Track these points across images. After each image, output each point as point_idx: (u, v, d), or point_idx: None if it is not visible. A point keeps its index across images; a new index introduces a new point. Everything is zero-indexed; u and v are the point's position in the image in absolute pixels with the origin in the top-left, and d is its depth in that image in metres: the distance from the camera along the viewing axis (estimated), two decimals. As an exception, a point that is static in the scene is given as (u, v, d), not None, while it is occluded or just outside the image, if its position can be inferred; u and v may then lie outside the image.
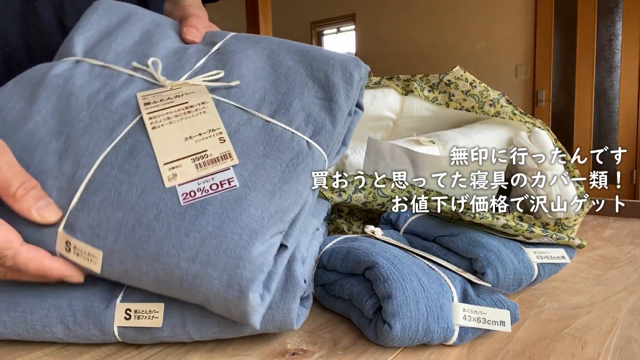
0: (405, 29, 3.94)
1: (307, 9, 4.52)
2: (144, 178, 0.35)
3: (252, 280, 0.31)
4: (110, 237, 0.33)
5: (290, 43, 0.46)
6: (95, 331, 0.36)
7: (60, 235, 0.34)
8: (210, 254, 0.32)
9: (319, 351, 0.36)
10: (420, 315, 0.35)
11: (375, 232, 0.48)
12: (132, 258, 0.33)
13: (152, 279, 0.33)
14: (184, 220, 0.33)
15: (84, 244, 0.33)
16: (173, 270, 0.32)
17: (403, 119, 0.72)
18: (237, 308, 0.32)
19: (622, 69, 3.13)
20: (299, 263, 0.36)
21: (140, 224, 0.33)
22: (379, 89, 0.71)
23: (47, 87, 0.40)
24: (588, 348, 0.36)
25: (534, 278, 0.46)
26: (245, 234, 0.32)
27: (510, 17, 3.46)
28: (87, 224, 0.34)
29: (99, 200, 0.34)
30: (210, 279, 0.31)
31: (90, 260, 0.33)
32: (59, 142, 0.37)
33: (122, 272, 0.33)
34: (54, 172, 0.35)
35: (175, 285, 0.32)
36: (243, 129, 0.39)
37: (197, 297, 0.33)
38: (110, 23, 0.46)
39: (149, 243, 0.32)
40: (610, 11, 3.14)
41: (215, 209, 0.34)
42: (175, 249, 0.32)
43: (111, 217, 0.33)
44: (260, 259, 0.32)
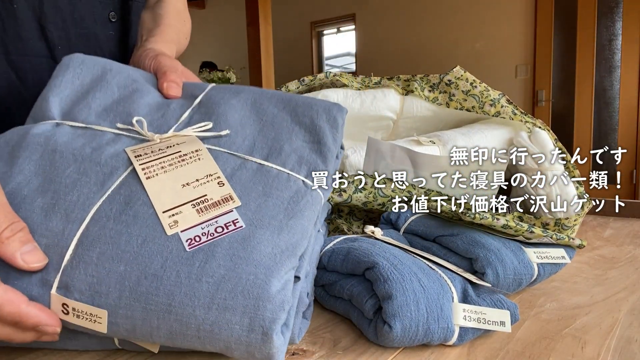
0: (405, 29, 3.94)
1: (307, 9, 4.52)
2: (143, 227, 0.33)
3: (275, 320, 0.30)
4: (114, 293, 0.31)
5: (270, 92, 0.46)
6: (95, 339, 0.35)
7: (54, 298, 0.31)
8: (227, 298, 0.30)
9: (319, 351, 0.36)
10: (420, 316, 0.35)
11: (375, 232, 0.48)
12: (141, 313, 0.31)
13: (165, 333, 0.31)
14: (194, 266, 0.32)
15: (84, 305, 0.31)
16: (188, 320, 0.30)
17: (403, 119, 0.72)
18: (261, 352, 0.30)
19: (622, 69, 3.13)
20: (302, 278, 0.35)
21: (146, 275, 0.31)
22: (379, 89, 0.71)
23: (28, 147, 0.38)
24: (588, 348, 0.36)
25: (534, 278, 0.46)
26: (261, 272, 0.31)
27: (510, 17, 3.46)
28: (85, 282, 0.31)
29: (96, 255, 0.32)
30: (229, 324, 0.30)
31: (95, 321, 0.31)
32: (45, 199, 0.35)
33: (130, 329, 0.31)
34: (41, 229, 0.33)
35: (192, 336, 0.31)
36: (239, 173, 0.38)
37: (217, 346, 0.31)
38: (84, 81, 0.44)
39: (158, 295, 0.31)
40: (610, 11, 3.14)
41: (225, 251, 0.32)
42: (188, 298, 0.31)
43: (112, 272, 0.32)
44: (279, 297, 0.31)
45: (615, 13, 3.13)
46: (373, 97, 0.71)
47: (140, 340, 0.33)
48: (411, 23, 3.90)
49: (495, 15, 3.51)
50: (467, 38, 3.63)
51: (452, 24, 3.70)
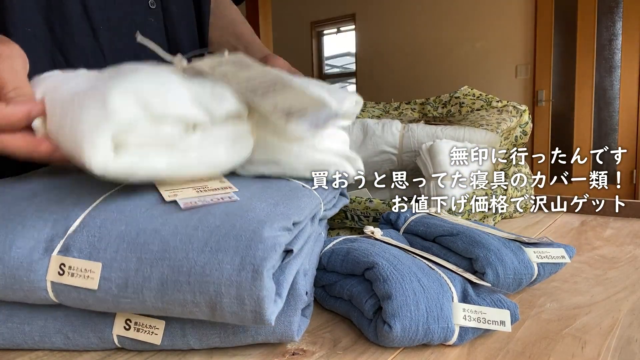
0: (405, 29, 3.94)
1: (307, 9, 4.52)
2: (149, 200, 0.36)
3: (266, 258, 0.30)
4: (112, 247, 0.32)
5: None
6: (95, 339, 0.35)
7: (54, 259, 0.32)
8: (220, 241, 0.31)
9: (319, 351, 0.36)
10: (420, 316, 0.35)
11: (374, 233, 0.48)
12: (135, 263, 0.31)
13: (156, 283, 0.31)
14: (192, 220, 0.33)
15: (80, 261, 0.32)
16: (181, 264, 0.31)
17: (405, 154, 0.73)
18: (251, 295, 0.30)
19: (622, 69, 3.13)
20: (301, 275, 0.35)
21: (145, 230, 0.33)
22: (386, 124, 0.72)
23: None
24: (588, 348, 0.36)
25: (534, 278, 0.46)
26: (254, 223, 0.32)
27: (510, 17, 3.46)
28: (85, 242, 0.32)
29: (100, 220, 0.34)
30: (221, 264, 0.30)
31: (87, 276, 0.32)
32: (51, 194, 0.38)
33: (122, 284, 0.31)
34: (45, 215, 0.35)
35: (182, 282, 0.31)
36: (238, 178, 0.42)
37: (207, 293, 0.30)
38: None
39: (154, 243, 0.32)
40: (610, 11, 3.14)
41: (221, 210, 0.34)
42: (183, 243, 0.31)
43: (113, 231, 0.33)
44: (271, 240, 0.31)
45: (615, 13, 3.13)
46: (381, 130, 0.73)
47: (131, 298, 0.32)
48: (411, 23, 3.90)
49: (495, 15, 3.51)
50: (467, 38, 3.63)
51: (452, 24, 3.70)
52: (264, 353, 0.36)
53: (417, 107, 0.82)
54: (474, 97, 0.78)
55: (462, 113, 0.79)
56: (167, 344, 0.35)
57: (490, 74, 3.50)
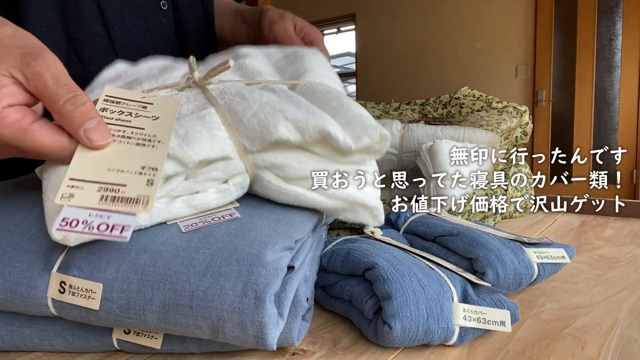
0: (406, 29, 3.94)
1: (307, 9, 4.51)
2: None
3: (268, 285, 0.30)
4: (112, 267, 0.32)
5: None
6: (94, 342, 0.35)
7: (54, 277, 0.32)
8: (222, 265, 0.31)
9: (319, 351, 0.36)
10: (420, 316, 0.35)
11: (374, 233, 0.48)
12: (136, 285, 0.31)
13: (158, 306, 0.31)
14: (192, 242, 0.33)
15: (80, 280, 0.32)
16: (182, 287, 0.31)
17: (405, 154, 0.73)
18: (253, 321, 0.30)
19: (622, 69, 3.13)
20: (302, 283, 0.35)
21: (146, 250, 0.32)
22: (386, 124, 0.73)
23: None
24: (588, 348, 0.36)
25: (534, 278, 0.46)
26: (255, 245, 0.32)
27: (510, 17, 3.46)
28: (85, 259, 0.32)
29: None
30: (223, 290, 0.30)
31: (89, 297, 0.32)
32: None
33: (124, 305, 0.31)
34: (43, 228, 0.33)
35: (184, 306, 0.31)
36: None
37: (209, 317, 0.31)
38: None
39: (156, 266, 0.32)
40: (610, 11, 3.14)
41: (223, 231, 0.34)
42: (184, 266, 0.31)
43: (113, 249, 0.32)
44: (273, 265, 0.31)
45: (615, 13, 3.13)
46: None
47: (133, 318, 0.32)
48: (411, 23, 3.90)
49: (495, 15, 3.51)
50: (467, 38, 3.63)
51: (452, 24, 3.70)
52: (264, 353, 0.36)
53: (417, 108, 0.82)
54: (474, 98, 0.78)
55: (462, 114, 0.79)
56: (166, 348, 0.35)
57: (490, 74, 3.50)
